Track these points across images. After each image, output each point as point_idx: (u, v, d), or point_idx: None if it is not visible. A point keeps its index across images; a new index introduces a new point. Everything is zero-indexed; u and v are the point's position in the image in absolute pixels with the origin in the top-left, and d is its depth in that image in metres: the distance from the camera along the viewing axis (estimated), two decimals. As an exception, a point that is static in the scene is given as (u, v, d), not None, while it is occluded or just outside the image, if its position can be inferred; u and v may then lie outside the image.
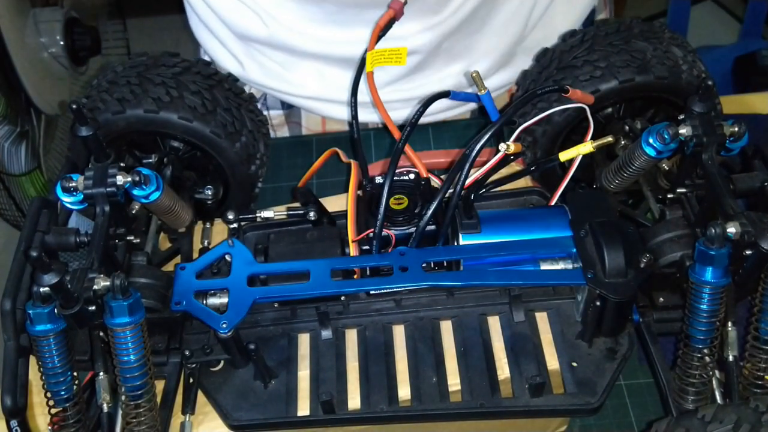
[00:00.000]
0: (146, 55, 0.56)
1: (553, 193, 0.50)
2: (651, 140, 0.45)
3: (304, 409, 0.44)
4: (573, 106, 0.49)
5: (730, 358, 0.44)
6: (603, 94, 0.51)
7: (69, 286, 0.40)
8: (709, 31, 0.80)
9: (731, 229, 0.41)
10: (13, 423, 0.40)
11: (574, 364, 0.45)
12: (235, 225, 0.50)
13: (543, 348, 0.46)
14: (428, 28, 0.63)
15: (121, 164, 0.47)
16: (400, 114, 0.67)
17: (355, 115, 0.55)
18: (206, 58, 0.76)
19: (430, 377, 0.45)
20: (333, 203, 0.53)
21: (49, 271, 0.38)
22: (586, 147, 0.47)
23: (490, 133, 0.45)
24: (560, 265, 0.46)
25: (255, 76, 0.70)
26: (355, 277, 0.47)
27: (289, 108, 0.74)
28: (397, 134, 0.51)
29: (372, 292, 0.46)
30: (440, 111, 0.70)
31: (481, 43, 0.64)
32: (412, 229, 0.47)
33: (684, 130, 0.45)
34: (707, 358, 0.42)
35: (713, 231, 0.39)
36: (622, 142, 0.53)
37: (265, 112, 0.72)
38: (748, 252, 0.41)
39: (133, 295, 0.39)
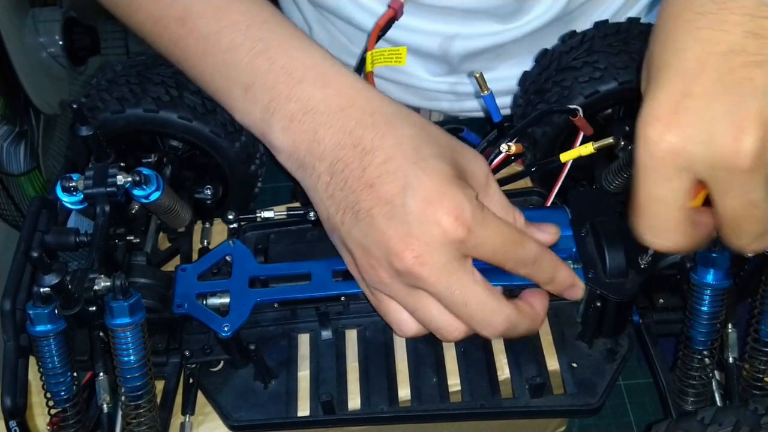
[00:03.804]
0: (146, 54, 0.56)
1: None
2: (651, 141, 0.45)
3: (304, 409, 0.44)
4: (572, 108, 0.49)
5: (730, 359, 0.44)
6: (602, 96, 0.51)
7: (70, 286, 0.40)
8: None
9: None
10: (12, 423, 0.40)
11: (574, 364, 0.45)
12: (235, 225, 0.50)
13: (543, 349, 0.46)
14: (497, 32, 0.64)
15: (121, 164, 0.47)
16: (448, 105, 0.70)
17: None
18: None
19: (431, 377, 0.45)
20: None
21: (50, 272, 0.38)
22: (587, 148, 0.47)
23: (501, 144, 0.46)
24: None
25: (322, 44, 0.71)
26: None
27: None
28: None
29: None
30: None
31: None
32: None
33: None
34: (707, 360, 0.43)
35: (715, 234, 0.40)
36: (622, 143, 0.53)
37: None
38: (750, 254, 0.41)
39: (134, 296, 0.39)
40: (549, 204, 0.51)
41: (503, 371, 0.45)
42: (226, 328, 0.42)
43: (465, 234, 0.39)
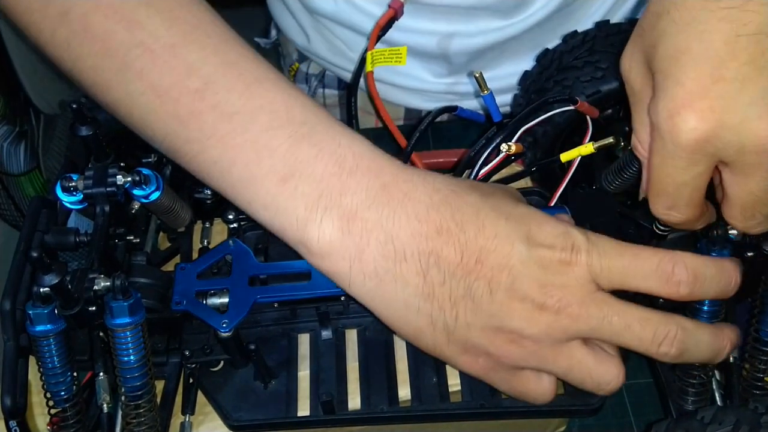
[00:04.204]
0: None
1: (553, 193, 0.50)
2: (652, 141, 0.45)
3: (304, 409, 0.44)
4: (573, 108, 0.49)
5: (731, 359, 0.44)
6: (604, 95, 0.51)
7: (69, 286, 0.40)
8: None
9: (733, 231, 0.41)
10: (12, 423, 0.40)
11: (575, 364, 0.45)
12: (235, 225, 0.50)
13: (543, 348, 0.46)
14: (499, 28, 0.63)
15: (121, 164, 0.47)
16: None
17: (355, 115, 0.56)
18: (274, 32, 0.76)
19: (431, 377, 0.45)
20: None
21: (49, 272, 0.38)
22: (587, 148, 0.47)
23: (499, 139, 0.46)
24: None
25: (319, 50, 0.71)
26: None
27: (345, 88, 0.74)
28: (402, 141, 0.52)
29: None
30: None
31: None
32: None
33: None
34: (707, 360, 0.43)
35: (715, 233, 0.40)
36: (622, 144, 0.53)
37: (320, 90, 0.71)
38: (750, 254, 0.41)
39: (134, 296, 0.39)
40: (552, 203, 0.51)
41: (503, 371, 0.45)
42: (224, 325, 0.42)
43: (588, 258, 0.37)
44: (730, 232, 0.41)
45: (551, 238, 0.38)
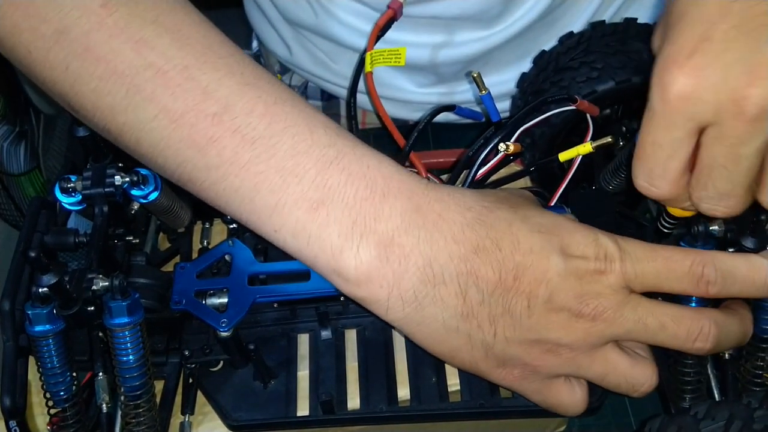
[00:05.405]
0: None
1: (553, 193, 0.50)
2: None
3: (303, 409, 0.44)
4: (571, 108, 0.49)
5: (726, 356, 0.44)
6: (600, 95, 0.52)
7: (68, 286, 0.40)
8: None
9: (714, 227, 0.41)
10: (12, 423, 0.40)
11: (574, 364, 0.45)
12: (234, 224, 0.50)
13: (542, 348, 0.46)
14: (482, 38, 0.63)
15: (119, 164, 0.47)
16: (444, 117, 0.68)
17: (354, 115, 0.56)
18: (255, 43, 0.76)
19: (430, 377, 0.45)
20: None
21: (48, 272, 0.38)
22: (586, 147, 0.47)
23: (497, 139, 0.46)
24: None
25: (301, 62, 0.70)
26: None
27: (328, 99, 0.74)
28: (401, 141, 0.52)
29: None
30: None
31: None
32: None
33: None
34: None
35: (696, 229, 0.40)
36: (620, 143, 0.53)
37: None
38: (731, 250, 0.41)
39: (132, 296, 0.39)
40: (552, 204, 0.51)
41: (502, 371, 0.45)
42: (224, 324, 0.42)
43: (622, 266, 0.37)
44: (710, 228, 0.41)
45: (583, 247, 0.38)
